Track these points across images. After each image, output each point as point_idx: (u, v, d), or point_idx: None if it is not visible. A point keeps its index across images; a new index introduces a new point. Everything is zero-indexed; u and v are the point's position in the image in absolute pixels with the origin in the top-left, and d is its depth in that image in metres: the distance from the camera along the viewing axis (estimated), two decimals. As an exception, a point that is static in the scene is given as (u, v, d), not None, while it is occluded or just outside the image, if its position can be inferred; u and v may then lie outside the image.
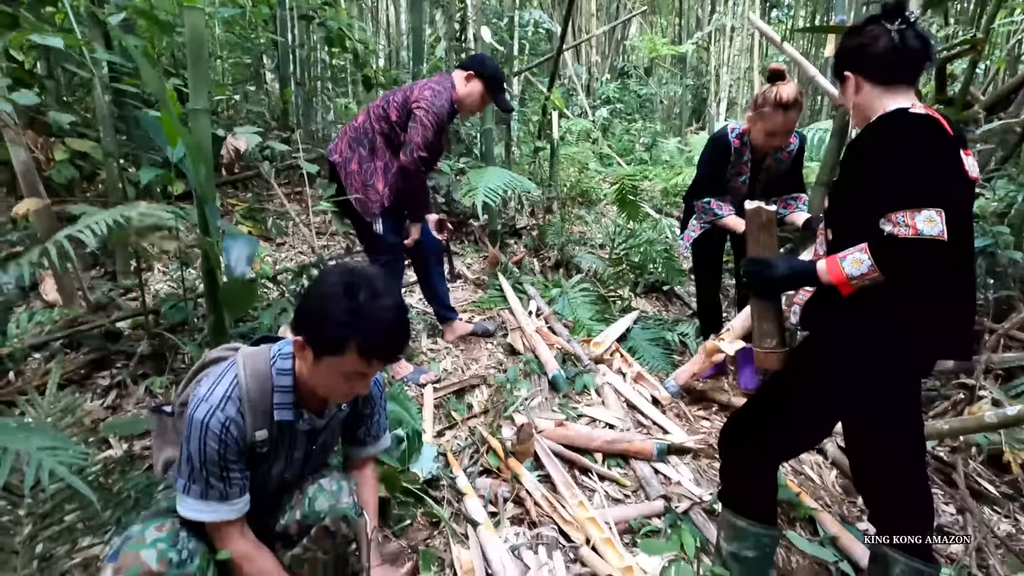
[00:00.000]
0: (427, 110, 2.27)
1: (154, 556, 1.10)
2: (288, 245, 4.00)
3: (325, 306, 1.11)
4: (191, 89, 1.91)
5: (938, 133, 1.20)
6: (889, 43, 1.25)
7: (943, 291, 1.25)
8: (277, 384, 1.22)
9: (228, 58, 6.34)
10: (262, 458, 1.26)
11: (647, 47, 8.41)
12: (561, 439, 2.10)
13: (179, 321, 2.32)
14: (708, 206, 2.45)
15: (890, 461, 1.42)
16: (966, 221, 1.27)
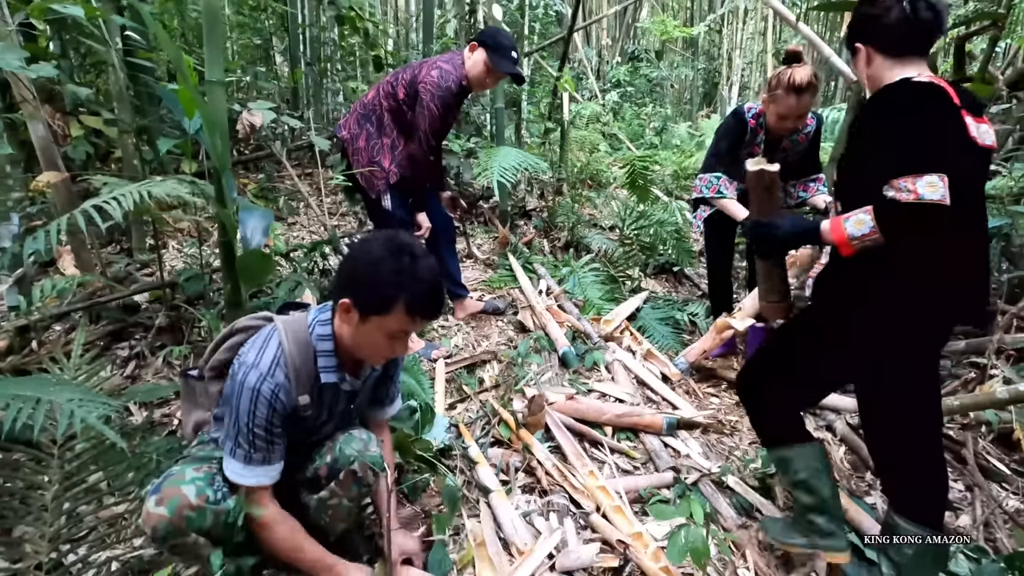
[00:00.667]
0: (433, 94, 2.26)
1: (193, 491, 1.18)
2: (299, 224, 4.03)
3: (374, 268, 1.18)
4: (207, 60, 1.92)
5: (940, 100, 1.22)
6: (901, 14, 1.28)
7: (953, 259, 1.28)
8: (320, 349, 1.28)
9: (238, 39, 6.34)
10: (302, 420, 1.31)
11: (658, 29, 8.30)
12: (572, 412, 2.13)
13: (196, 294, 2.35)
14: (716, 181, 2.42)
15: (899, 426, 1.43)
16: (975, 188, 1.31)
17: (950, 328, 1.46)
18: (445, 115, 2.32)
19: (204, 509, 1.19)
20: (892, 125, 1.23)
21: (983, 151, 1.29)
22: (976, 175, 1.31)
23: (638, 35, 10.28)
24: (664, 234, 3.58)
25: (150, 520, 1.14)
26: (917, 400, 1.42)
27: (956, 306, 1.34)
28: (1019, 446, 2.14)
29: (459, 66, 2.35)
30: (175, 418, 1.98)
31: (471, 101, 4.29)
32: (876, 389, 1.46)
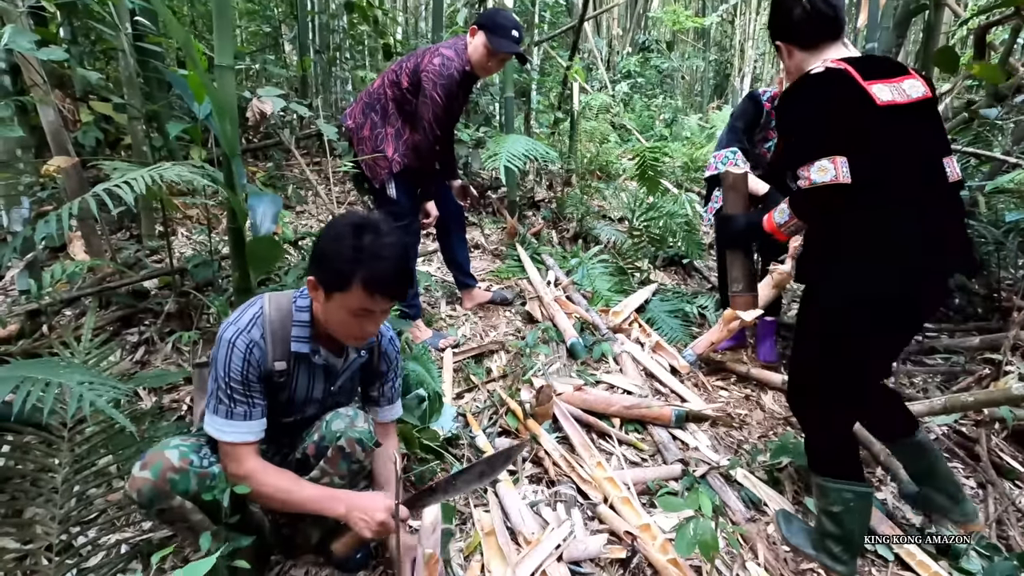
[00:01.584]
0: (435, 83, 2.21)
1: (176, 455, 1.21)
2: (307, 213, 4.02)
3: (333, 244, 1.20)
4: (216, 45, 1.90)
5: (834, 84, 1.35)
6: (803, 12, 1.43)
7: (903, 218, 1.34)
8: (296, 319, 1.30)
9: (247, 27, 6.32)
10: (280, 388, 1.33)
11: (670, 19, 8.20)
12: (580, 403, 2.12)
13: (205, 280, 2.35)
14: (733, 156, 2.37)
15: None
16: (900, 147, 1.36)
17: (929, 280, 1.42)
18: (449, 104, 2.28)
19: (187, 471, 1.20)
20: (791, 118, 1.42)
21: (906, 108, 1.36)
22: (896, 143, 1.35)
23: (649, 25, 10.15)
24: (674, 226, 3.55)
25: (135, 484, 1.16)
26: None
27: (929, 261, 1.36)
28: (1033, 443, 2.11)
29: (462, 52, 2.30)
30: (184, 403, 1.98)
31: (479, 91, 4.26)
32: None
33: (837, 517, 1.51)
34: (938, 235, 1.36)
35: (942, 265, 1.41)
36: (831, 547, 1.54)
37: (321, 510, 1.28)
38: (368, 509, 1.26)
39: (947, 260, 1.40)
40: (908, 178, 1.36)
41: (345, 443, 1.35)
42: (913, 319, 1.51)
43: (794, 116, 1.40)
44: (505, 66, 3.69)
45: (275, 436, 1.39)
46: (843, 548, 1.53)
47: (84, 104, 3.13)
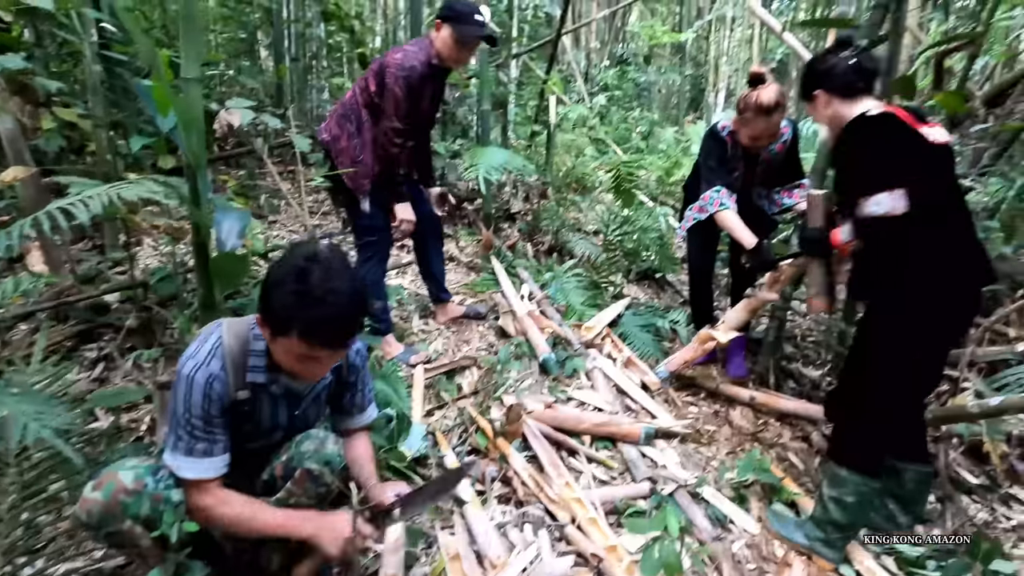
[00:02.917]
0: (396, 76, 2.18)
1: (131, 477, 1.17)
2: (280, 223, 3.97)
3: (275, 287, 1.15)
4: (183, 57, 1.87)
5: (890, 126, 1.53)
6: (848, 65, 1.63)
7: (945, 238, 1.54)
8: (253, 348, 1.27)
9: (222, 32, 6.24)
10: (245, 417, 1.30)
11: (647, 34, 8.33)
12: (550, 421, 2.12)
13: (169, 295, 2.30)
14: (717, 195, 2.39)
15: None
16: (945, 177, 1.59)
17: (970, 296, 1.61)
18: (412, 97, 2.21)
19: (141, 494, 1.16)
20: (852, 156, 1.58)
21: (941, 147, 1.56)
22: (942, 168, 1.58)
23: (627, 39, 10.31)
24: (647, 240, 3.59)
25: (85, 504, 1.12)
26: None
27: (965, 279, 1.56)
28: (988, 458, 2.18)
29: (426, 46, 2.27)
30: (143, 424, 1.93)
31: (456, 101, 4.26)
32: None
33: (848, 506, 1.64)
34: (978, 254, 1.59)
35: (983, 279, 1.60)
36: (830, 534, 1.68)
37: (287, 533, 1.26)
38: (335, 527, 1.24)
39: (984, 275, 1.59)
40: (953, 206, 1.58)
41: (314, 465, 1.33)
42: (962, 331, 1.71)
43: (853, 155, 1.57)
44: (482, 78, 3.72)
45: (242, 461, 1.36)
46: (841, 536, 1.68)
47: (48, 110, 3.04)
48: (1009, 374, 2.48)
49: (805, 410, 2.38)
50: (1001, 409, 1.83)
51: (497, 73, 4.41)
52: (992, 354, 2.63)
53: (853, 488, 1.64)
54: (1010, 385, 2.44)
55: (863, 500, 1.65)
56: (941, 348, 1.67)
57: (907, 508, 1.84)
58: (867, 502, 1.67)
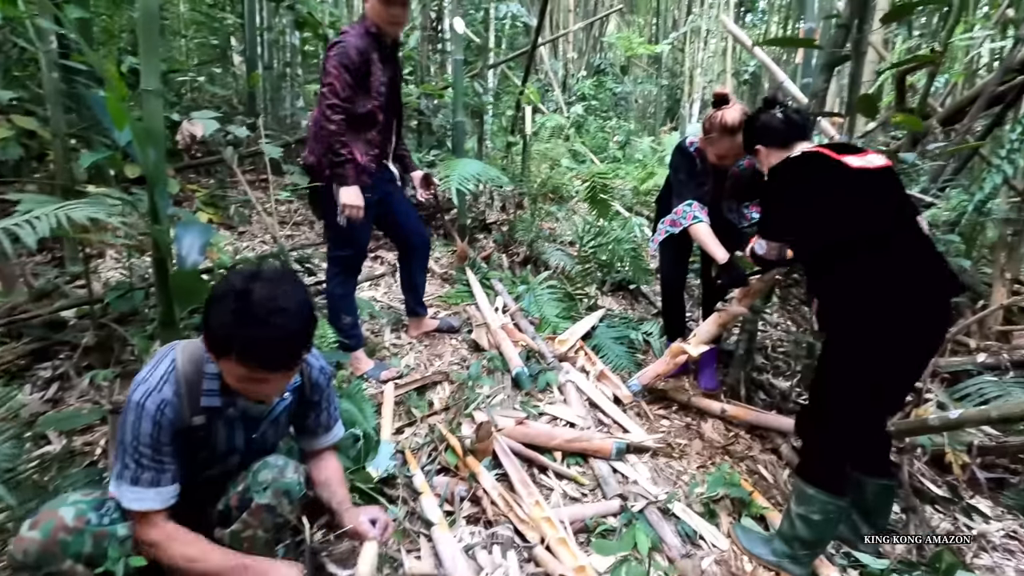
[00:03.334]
0: (330, 56, 2.15)
1: (72, 513, 1.11)
2: (250, 234, 3.90)
3: (215, 305, 1.12)
4: (142, 68, 1.82)
5: (808, 164, 1.70)
6: (778, 121, 1.84)
7: (890, 262, 1.58)
8: (207, 371, 1.22)
9: (193, 37, 6.14)
10: (200, 443, 1.26)
11: (623, 45, 8.43)
12: (521, 437, 2.10)
13: (128, 311, 2.23)
14: (690, 208, 2.41)
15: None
16: (881, 201, 1.65)
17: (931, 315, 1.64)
18: (354, 73, 2.13)
19: (83, 531, 1.11)
20: (772, 196, 1.84)
21: (874, 172, 1.66)
22: (873, 192, 1.66)
23: (604, 49, 10.43)
24: (621, 252, 3.61)
25: (20, 544, 1.07)
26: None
27: (921, 297, 1.58)
28: (951, 468, 2.22)
29: (359, 24, 2.23)
30: (98, 447, 1.86)
31: (432, 111, 4.24)
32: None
33: (814, 524, 1.66)
34: (937, 269, 1.62)
35: (946, 293, 1.63)
36: (797, 550, 1.70)
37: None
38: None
39: (947, 289, 1.62)
40: (899, 227, 1.64)
41: (271, 495, 1.29)
42: (929, 346, 1.69)
43: (774, 194, 1.80)
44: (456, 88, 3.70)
45: (196, 488, 1.31)
46: (808, 552, 1.70)
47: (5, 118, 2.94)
48: (970, 384, 2.55)
49: (774, 422, 2.41)
50: (960, 422, 1.87)
51: (473, 84, 4.41)
52: (954, 364, 2.70)
53: (820, 506, 1.65)
54: (971, 395, 2.52)
55: (829, 518, 1.66)
56: (902, 368, 1.69)
57: (871, 520, 1.87)
58: (834, 520, 1.68)
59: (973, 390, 2.50)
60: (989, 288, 3.11)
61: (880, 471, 1.86)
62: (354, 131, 2.24)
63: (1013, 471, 2.36)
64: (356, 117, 2.22)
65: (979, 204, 2.87)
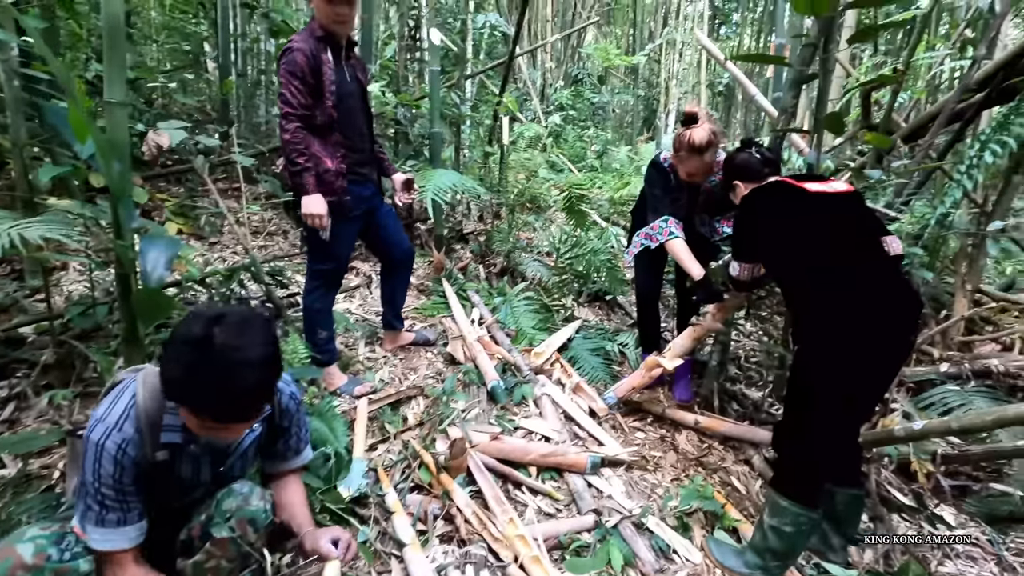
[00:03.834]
0: (281, 64, 2.09)
1: (30, 550, 1.07)
2: (222, 244, 3.82)
3: (171, 354, 1.06)
4: (106, 79, 1.78)
5: (775, 193, 1.85)
6: (753, 159, 2.00)
7: (852, 282, 1.66)
8: (168, 405, 1.17)
9: (165, 43, 6.02)
10: (163, 479, 1.21)
11: (601, 56, 8.53)
12: (496, 453, 2.08)
13: (91, 327, 2.16)
14: (666, 224, 2.45)
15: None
16: (841, 221, 1.76)
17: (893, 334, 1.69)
18: (296, 81, 2.06)
19: (42, 569, 1.07)
20: (737, 223, 1.99)
21: (837, 196, 1.80)
22: (833, 213, 1.77)
23: (582, 59, 10.54)
24: (598, 263, 3.63)
25: None
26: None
27: (883, 314, 1.63)
28: (916, 476, 2.27)
29: (305, 29, 2.17)
30: (56, 469, 1.79)
31: (409, 122, 4.23)
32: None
33: (786, 535, 1.69)
34: (899, 290, 1.68)
35: (908, 312, 1.69)
36: (769, 562, 1.73)
37: None
38: None
39: (911, 307, 1.68)
40: (847, 252, 1.71)
41: (236, 524, 1.25)
42: (883, 364, 1.72)
43: (740, 219, 1.95)
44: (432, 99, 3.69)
45: (160, 520, 1.27)
46: (779, 563, 1.73)
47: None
48: (934, 393, 2.62)
49: (747, 434, 2.44)
50: (924, 433, 1.92)
51: (450, 94, 4.41)
52: (919, 374, 2.77)
53: (792, 518, 1.68)
54: (935, 404, 2.58)
55: (802, 530, 1.69)
56: (872, 381, 1.73)
57: (840, 529, 1.90)
58: (805, 532, 1.71)
59: (937, 399, 2.57)
60: (952, 298, 3.20)
61: (850, 481, 1.89)
62: (320, 137, 2.18)
63: (975, 478, 2.43)
64: (318, 124, 2.16)
65: (941, 217, 2.96)
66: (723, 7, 11.48)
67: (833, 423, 1.73)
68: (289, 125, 2.08)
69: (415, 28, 5.35)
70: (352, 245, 2.46)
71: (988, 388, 2.56)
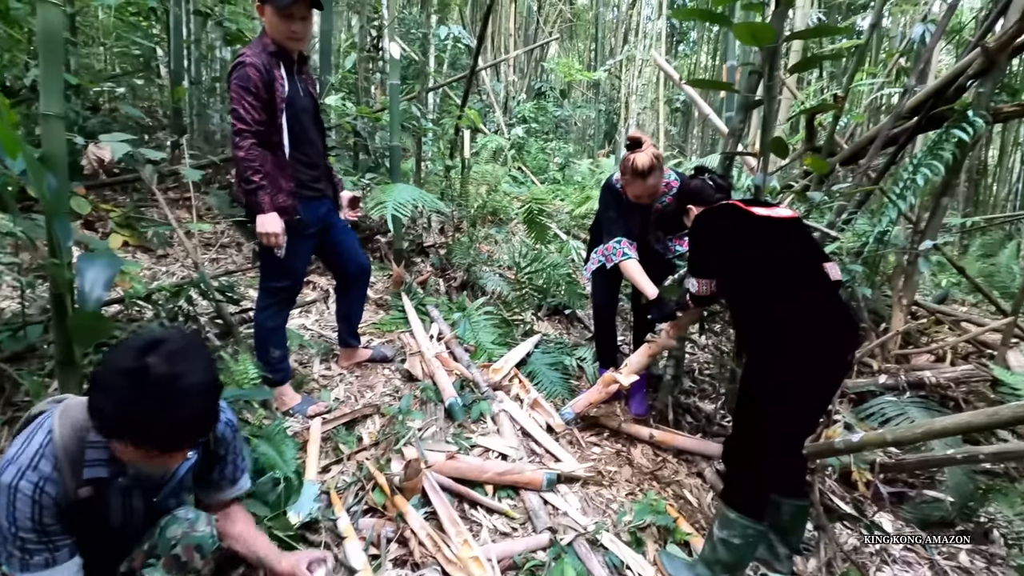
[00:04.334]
0: (232, 80, 2.04)
1: None
2: (172, 257, 3.69)
3: (104, 394, 1.02)
4: (42, 91, 1.71)
5: (723, 215, 1.94)
6: (707, 186, 2.11)
7: (792, 304, 1.75)
8: (90, 439, 1.11)
9: (113, 46, 5.79)
10: (90, 517, 1.15)
11: (563, 71, 8.68)
12: (452, 472, 2.07)
13: (23, 348, 2.05)
14: (619, 245, 2.51)
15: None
16: (784, 246, 1.86)
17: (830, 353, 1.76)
18: (250, 96, 2.01)
19: None
20: (691, 242, 2.09)
21: (782, 221, 1.88)
22: (777, 237, 1.86)
23: (545, 72, 10.69)
24: (557, 277, 3.67)
25: None
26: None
27: (822, 335, 1.71)
28: (857, 485, 2.38)
29: (257, 42, 2.12)
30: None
31: (369, 134, 4.19)
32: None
33: (735, 547, 1.75)
34: (824, 314, 1.75)
35: (846, 334, 1.77)
36: (718, 573, 1.78)
37: None
38: None
39: (837, 330, 1.74)
40: (791, 275, 1.80)
41: (182, 551, 1.21)
42: (820, 383, 1.79)
43: (692, 238, 2.05)
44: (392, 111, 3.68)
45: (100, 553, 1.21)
46: (728, 575, 1.78)
47: None
48: (873, 404, 2.75)
49: (699, 447, 2.50)
50: (861, 445, 2.01)
51: (410, 106, 4.40)
52: (860, 385, 2.90)
53: (740, 531, 1.74)
54: (874, 414, 2.71)
55: (749, 542, 1.75)
56: (811, 399, 1.80)
57: (786, 539, 1.97)
58: (753, 543, 1.77)
59: (876, 410, 2.70)
60: (891, 311, 3.38)
61: (796, 492, 1.96)
62: (274, 154, 2.13)
63: (911, 485, 2.56)
64: (273, 140, 2.12)
65: (879, 235, 3.13)
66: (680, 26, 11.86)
67: (779, 436, 1.80)
68: (243, 142, 2.03)
69: (378, 38, 5.33)
70: (307, 262, 2.42)
71: (922, 399, 2.70)
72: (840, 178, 3.08)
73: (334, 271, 2.65)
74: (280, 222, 2.11)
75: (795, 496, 1.96)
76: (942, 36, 3.56)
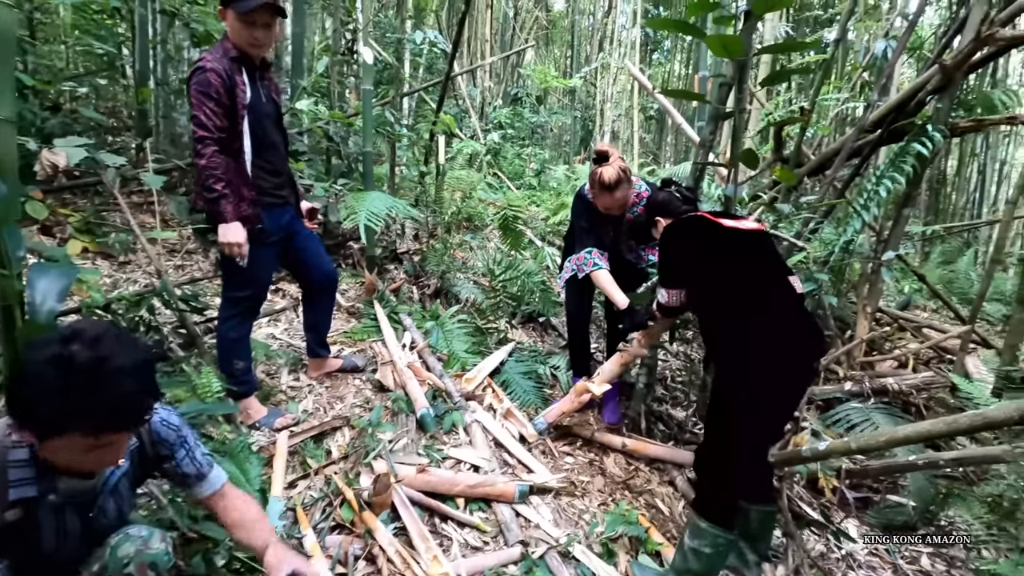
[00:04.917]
0: (191, 86, 1.99)
1: None
2: (135, 264, 3.57)
3: (34, 387, 0.99)
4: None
5: (693, 224, 1.96)
6: (676, 199, 2.14)
7: (765, 319, 1.78)
8: (11, 459, 1.07)
9: (76, 44, 5.61)
10: (22, 541, 1.10)
11: (539, 77, 8.72)
12: (422, 486, 2.04)
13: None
14: (590, 255, 2.53)
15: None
16: (752, 257, 1.90)
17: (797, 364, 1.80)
18: (211, 103, 1.96)
19: None
20: (661, 253, 2.07)
21: (749, 233, 1.92)
22: (746, 249, 1.90)
23: (521, 78, 10.73)
24: (531, 284, 3.66)
25: None
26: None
27: (790, 348, 1.75)
28: (824, 491, 2.42)
29: (218, 47, 2.07)
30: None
31: (341, 139, 4.14)
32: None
33: (705, 556, 1.77)
34: (790, 325, 1.79)
35: (812, 345, 1.81)
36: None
37: None
38: None
39: (798, 345, 1.77)
40: (757, 286, 1.84)
41: (135, 570, 1.16)
42: (787, 392, 1.83)
43: (662, 248, 2.06)
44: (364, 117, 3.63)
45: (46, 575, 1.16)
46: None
47: None
48: (839, 411, 2.80)
49: (671, 456, 2.52)
50: (827, 453, 2.04)
51: (384, 112, 4.36)
52: (826, 392, 2.96)
53: (711, 540, 1.76)
54: (840, 421, 2.76)
55: (719, 551, 1.77)
56: (777, 408, 1.84)
57: (754, 546, 1.99)
58: (723, 552, 1.79)
59: (842, 416, 2.75)
60: (856, 317, 3.46)
61: (763, 498, 1.99)
62: (236, 161, 2.08)
63: (875, 490, 2.61)
64: (233, 147, 2.07)
65: (845, 244, 3.21)
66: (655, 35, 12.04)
67: (749, 446, 1.82)
68: (205, 150, 1.98)
69: (352, 42, 5.26)
70: (271, 271, 2.36)
71: (885, 405, 2.76)
72: (807, 189, 3.15)
73: (300, 280, 2.60)
74: (243, 232, 2.05)
75: (763, 502, 1.98)
76: (903, 51, 3.68)
